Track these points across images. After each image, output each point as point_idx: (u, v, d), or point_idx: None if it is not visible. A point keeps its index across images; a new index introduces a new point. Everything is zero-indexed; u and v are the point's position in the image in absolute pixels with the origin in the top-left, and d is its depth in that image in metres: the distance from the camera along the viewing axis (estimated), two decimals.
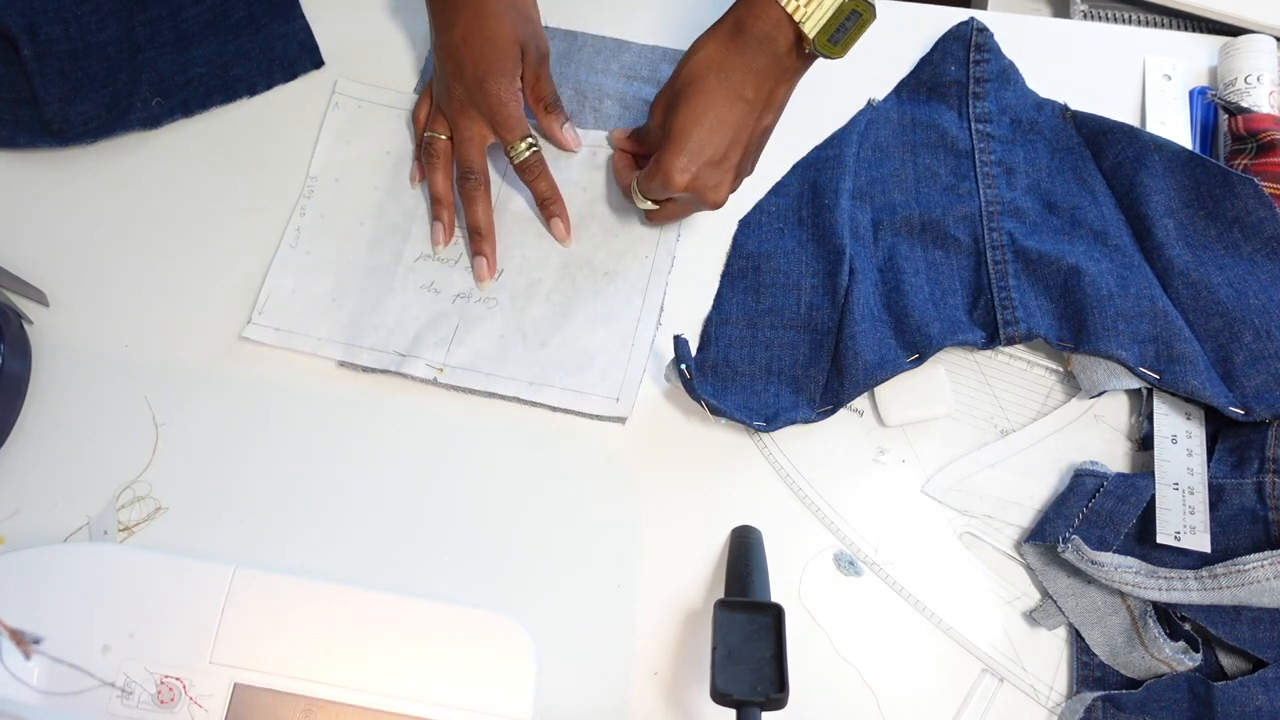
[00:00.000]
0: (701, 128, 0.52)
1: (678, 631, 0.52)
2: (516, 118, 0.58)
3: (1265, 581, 0.46)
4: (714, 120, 0.52)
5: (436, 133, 0.61)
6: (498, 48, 0.57)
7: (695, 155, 0.52)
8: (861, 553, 0.54)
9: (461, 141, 0.59)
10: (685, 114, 0.52)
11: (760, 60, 0.51)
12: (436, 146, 0.61)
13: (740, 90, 0.52)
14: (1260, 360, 0.53)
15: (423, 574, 0.53)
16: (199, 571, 0.50)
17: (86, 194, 0.63)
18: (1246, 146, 0.61)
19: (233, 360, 0.58)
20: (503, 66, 0.57)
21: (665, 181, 0.53)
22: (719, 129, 0.52)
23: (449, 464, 0.56)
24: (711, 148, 0.52)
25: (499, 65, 0.57)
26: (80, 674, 0.47)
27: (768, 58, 0.51)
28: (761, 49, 0.51)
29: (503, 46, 0.57)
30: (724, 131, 0.52)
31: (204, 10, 0.66)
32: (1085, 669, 0.51)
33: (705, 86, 0.52)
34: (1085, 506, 0.52)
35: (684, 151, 0.52)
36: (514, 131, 0.58)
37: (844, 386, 0.55)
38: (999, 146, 0.63)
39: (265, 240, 0.61)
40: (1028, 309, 0.56)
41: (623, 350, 0.58)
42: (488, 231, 0.60)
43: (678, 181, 0.53)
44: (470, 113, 0.59)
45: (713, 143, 0.52)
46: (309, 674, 0.48)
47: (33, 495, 0.54)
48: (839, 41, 0.50)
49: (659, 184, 0.54)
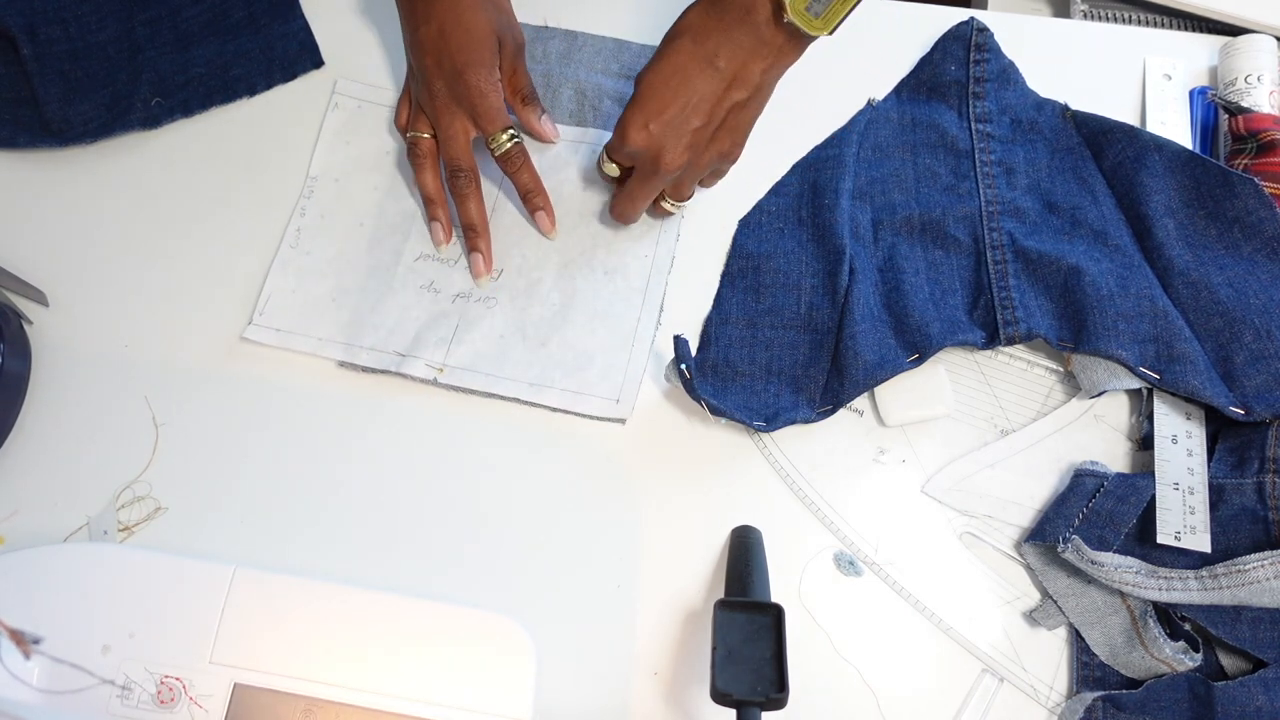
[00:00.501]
0: (667, 88, 0.51)
1: (678, 631, 0.52)
2: (497, 108, 0.58)
3: (1265, 581, 0.46)
4: (679, 83, 0.51)
5: (420, 132, 0.60)
6: (476, 39, 0.57)
7: (655, 113, 0.52)
8: (861, 553, 0.54)
9: (446, 140, 0.59)
10: (651, 74, 0.52)
11: (738, 30, 0.50)
12: (422, 146, 0.60)
13: (712, 58, 0.51)
14: (1260, 360, 0.53)
15: (423, 574, 0.53)
16: (199, 571, 0.50)
17: (86, 194, 0.63)
18: (1246, 146, 0.61)
19: (233, 360, 0.58)
20: (481, 57, 0.57)
21: (622, 137, 0.53)
22: (681, 91, 0.51)
23: (449, 464, 0.56)
24: (673, 109, 0.52)
25: (478, 56, 0.57)
26: (80, 674, 0.47)
27: (747, 29, 0.50)
28: (742, 20, 0.50)
29: (480, 38, 0.57)
30: (686, 94, 0.51)
31: (204, 10, 0.66)
32: (1085, 669, 0.51)
33: (676, 48, 0.52)
34: (1085, 506, 0.52)
35: (644, 109, 0.52)
36: (495, 122, 0.58)
37: (844, 386, 0.55)
38: (999, 146, 0.63)
39: (265, 240, 0.61)
40: (1028, 309, 0.56)
41: (623, 350, 0.58)
42: (482, 228, 0.60)
43: (633, 138, 0.52)
44: (451, 108, 0.58)
45: (675, 104, 0.52)
46: (309, 674, 0.48)
47: (32, 495, 0.54)
48: (819, 14, 0.48)
49: (616, 140, 0.54)
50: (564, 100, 0.66)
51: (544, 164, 0.64)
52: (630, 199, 0.58)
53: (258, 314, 0.59)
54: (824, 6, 0.48)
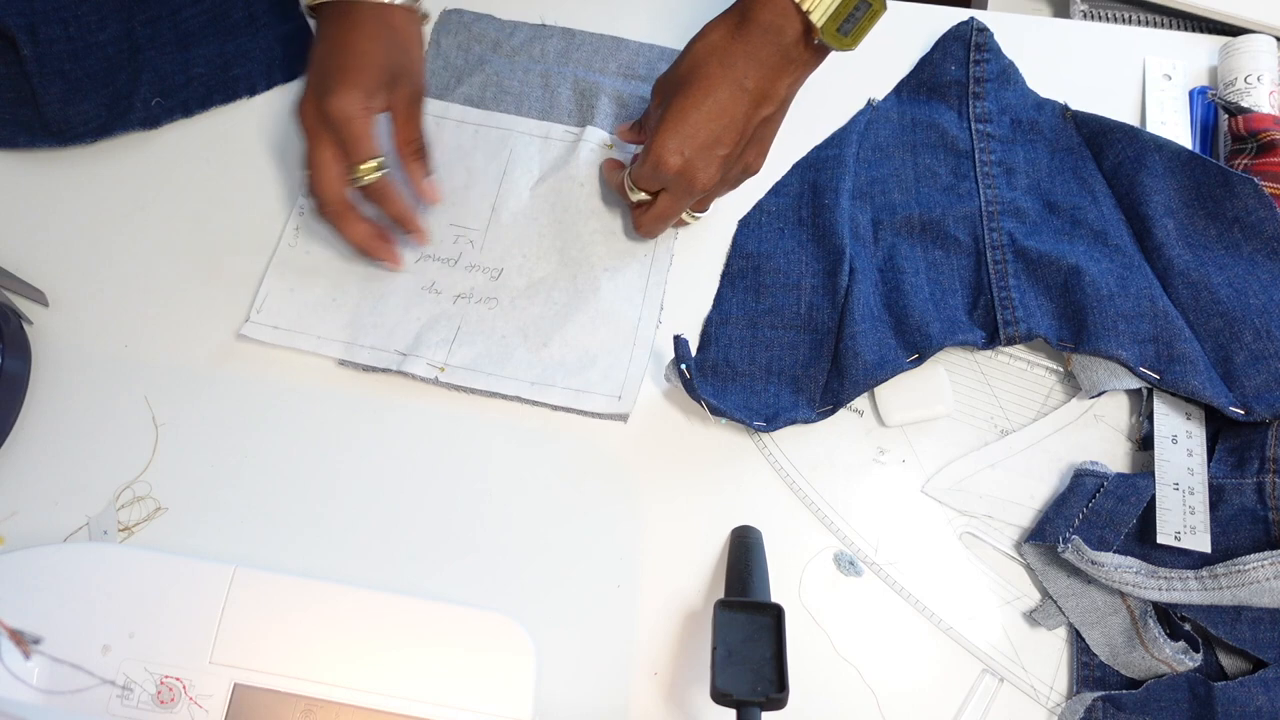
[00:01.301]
0: (699, 112, 0.51)
1: (678, 631, 0.52)
2: (361, 136, 0.53)
3: (1265, 581, 0.46)
4: (712, 106, 0.52)
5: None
6: (359, 65, 0.53)
7: (689, 139, 0.52)
8: (861, 553, 0.54)
9: (311, 168, 0.54)
10: (683, 99, 0.52)
11: (765, 50, 0.51)
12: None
13: (741, 79, 0.51)
14: (1260, 360, 0.53)
15: (423, 574, 0.53)
16: (199, 571, 0.50)
17: (86, 194, 0.63)
18: (1246, 146, 0.61)
19: (233, 360, 0.58)
20: (358, 81, 0.53)
21: (657, 163, 0.53)
22: (716, 115, 0.52)
23: (449, 463, 0.56)
24: (706, 133, 0.52)
25: (355, 79, 0.53)
26: (80, 673, 0.47)
27: (773, 48, 0.51)
28: (767, 39, 0.50)
29: (364, 65, 0.53)
30: (720, 119, 0.52)
31: (204, 10, 0.66)
32: (1085, 669, 0.51)
33: (706, 73, 0.52)
34: (1085, 506, 0.52)
35: (678, 134, 0.52)
36: (357, 151, 0.53)
37: (844, 386, 0.55)
38: (999, 146, 0.63)
39: (264, 240, 0.61)
40: (1028, 309, 0.56)
41: (624, 349, 0.58)
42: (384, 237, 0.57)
43: (669, 163, 0.52)
44: (320, 135, 0.53)
45: (708, 128, 0.52)
46: (309, 674, 0.48)
47: (32, 495, 0.54)
48: (848, 33, 0.49)
49: (650, 167, 0.53)
50: (562, 99, 0.66)
51: (544, 163, 0.64)
52: (661, 219, 0.58)
53: (255, 311, 0.59)
54: (853, 25, 0.49)
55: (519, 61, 0.68)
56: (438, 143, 0.64)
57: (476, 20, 0.69)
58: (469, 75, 0.67)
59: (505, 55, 0.68)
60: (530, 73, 0.67)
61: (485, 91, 0.66)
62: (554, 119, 0.66)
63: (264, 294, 0.59)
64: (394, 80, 0.55)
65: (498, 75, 0.67)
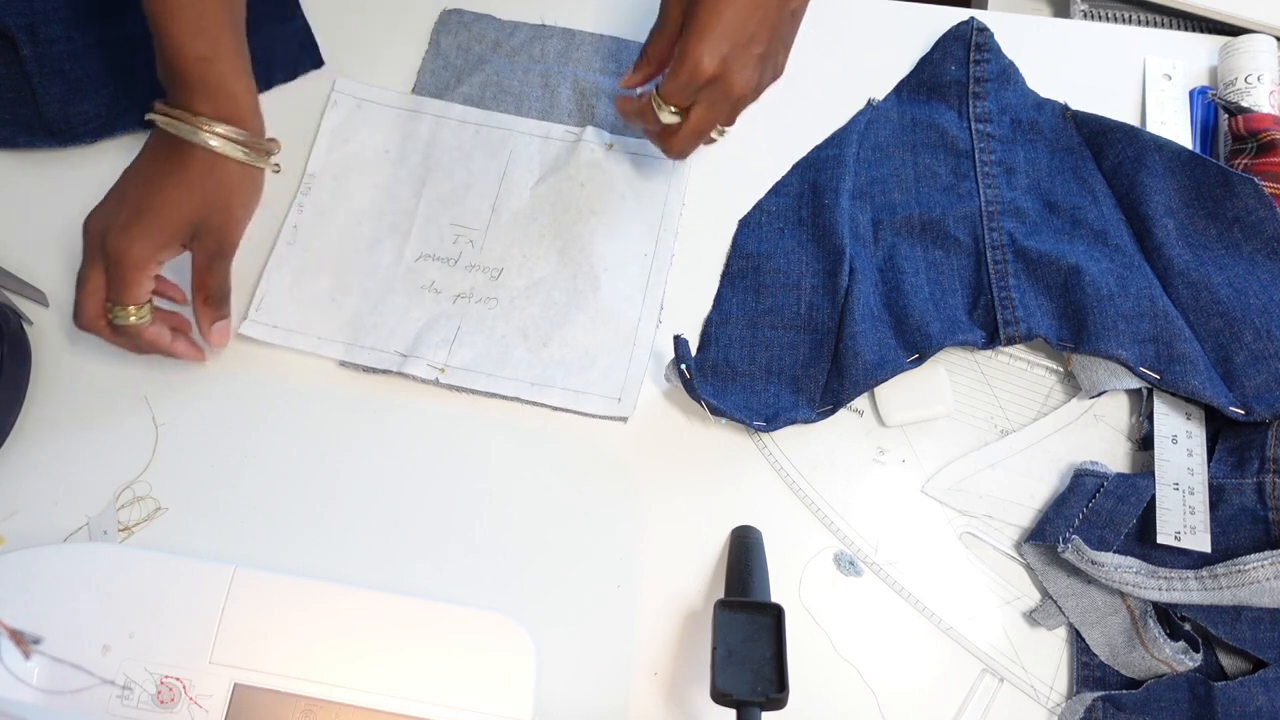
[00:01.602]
0: (733, 8, 0.47)
1: (678, 631, 0.52)
2: (132, 284, 0.50)
3: (1265, 581, 0.46)
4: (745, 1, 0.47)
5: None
6: (161, 211, 0.50)
7: (724, 38, 0.48)
8: (861, 553, 0.54)
9: (78, 283, 0.51)
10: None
11: None
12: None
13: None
14: (1260, 360, 0.53)
15: (423, 574, 0.53)
16: (199, 571, 0.50)
17: (86, 194, 0.62)
18: (1246, 146, 0.61)
19: (233, 360, 0.58)
20: (152, 230, 0.49)
21: (694, 69, 0.48)
22: (750, 10, 0.47)
23: (449, 463, 0.56)
24: (741, 31, 0.48)
25: (150, 226, 0.49)
26: (80, 673, 0.47)
27: None
28: None
29: (168, 215, 0.50)
30: (754, 13, 0.48)
31: None
32: (1085, 669, 0.51)
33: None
34: (1085, 506, 0.52)
35: (711, 34, 0.47)
36: (122, 295, 0.50)
37: (844, 386, 0.55)
38: (999, 146, 0.63)
39: (264, 239, 0.61)
40: (1028, 309, 0.56)
41: (624, 350, 0.58)
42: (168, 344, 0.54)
43: (705, 68, 0.48)
44: (94, 259, 0.50)
45: (743, 26, 0.48)
46: (309, 674, 0.48)
47: (32, 495, 0.54)
48: None
49: (686, 76, 0.49)
50: (562, 99, 0.66)
51: (544, 163, 0.64)
52: (697, 135, 0.54)
53: (253, 310, 0.59)
54: None
55: (519, 61, 0.68)
56: (438, 142, 0.64)
57: (476, 20, 0.69)
58: (469, 75, 0.67)
59: (505, 55, 0.68)
60: (530, 73, 0.67)
61: (485, 91, 0.66)
62: (554, 119, 0.66)
63: (262, 292, 0.59)
64: (198, 233, 0.51)
65: (498, 75, 0.67)
